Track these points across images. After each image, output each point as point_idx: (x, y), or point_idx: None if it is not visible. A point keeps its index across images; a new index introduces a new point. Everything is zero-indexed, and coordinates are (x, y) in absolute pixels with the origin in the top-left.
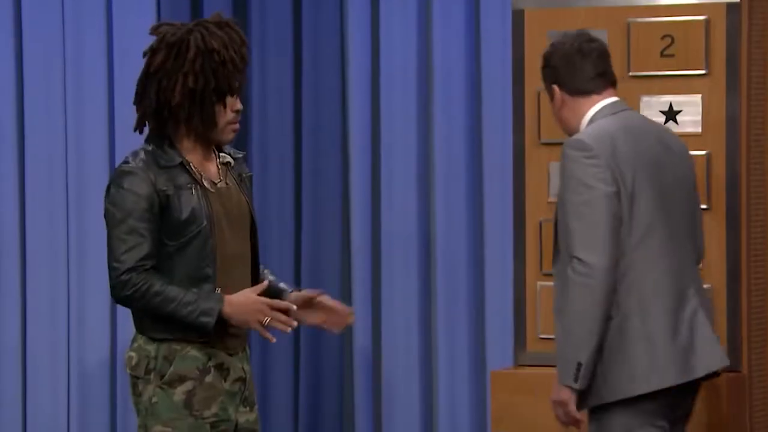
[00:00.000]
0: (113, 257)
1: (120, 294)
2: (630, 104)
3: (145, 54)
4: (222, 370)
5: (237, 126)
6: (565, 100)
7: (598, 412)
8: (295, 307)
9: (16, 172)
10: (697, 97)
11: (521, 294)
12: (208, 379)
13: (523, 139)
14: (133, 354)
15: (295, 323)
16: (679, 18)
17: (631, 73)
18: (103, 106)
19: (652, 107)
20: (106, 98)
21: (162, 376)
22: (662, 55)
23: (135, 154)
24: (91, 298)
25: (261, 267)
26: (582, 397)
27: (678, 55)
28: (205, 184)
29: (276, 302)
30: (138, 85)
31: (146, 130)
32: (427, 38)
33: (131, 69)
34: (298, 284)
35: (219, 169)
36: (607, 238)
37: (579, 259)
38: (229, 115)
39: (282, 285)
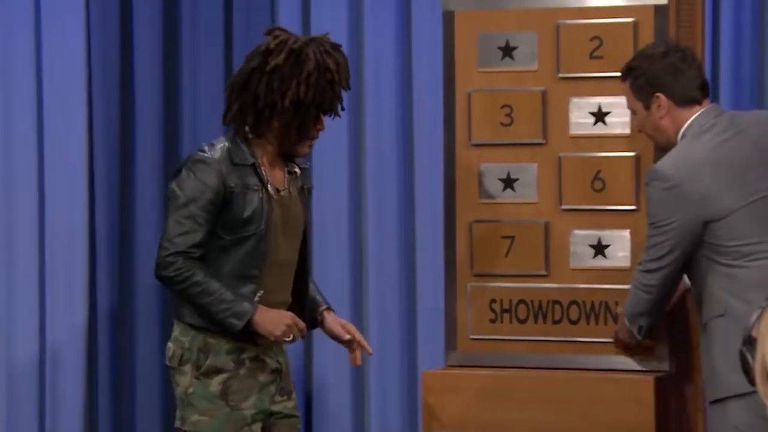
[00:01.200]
0: (166, 237)
1: (162, 273)
2: (559, 106)
3: (258, 51)
4: (257, 362)
5: (313, 143)
6: (670, 109)
7: (719, 403)
8: (305, 335)
9: None
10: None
11: (452, 295)
12: (243, 371)
13: (453, 140)
14: (170, 345)
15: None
16: (608, 20)
17: (560, 75)
18: (32, 105)
19: (582, 108)
20: (35, 97)
21: (198, 368)
22: (591, 56)
23: (212, 145)
24: (19, 298)
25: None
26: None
27: (607, 57)
28: (270, 189)
29: (302, 323)
30: (240, 76)
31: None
32: (358, 40)
33: (60, 68)
34: None
35: (285, 177)
36: (669, 262)
37: (642, 263)
38: (314, 133)
39: (318, 297)
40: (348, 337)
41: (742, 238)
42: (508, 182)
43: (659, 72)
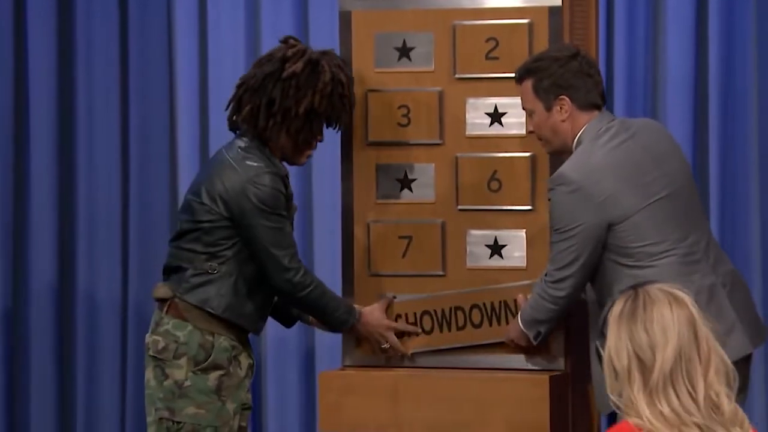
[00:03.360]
0: (278, 246)
1: (295, 279)
2: (455, 106)
3: (273, 56)
4: (238, 359)
5: (312, 153)
6: (572, 113)
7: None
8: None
9: None
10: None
11: (350, 295)
12: (233, 369)
13: (350, 140)
14: (158, 338)
15: (408, 352)
16: (503, 21)
17: (457, 76)
18: None
19: (478, 109)
20: None
21: (198, 363)
22: (487, 57)
23: (254, 156)
24: None
25: None
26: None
27: (502, 58)
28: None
29: (398, 327)
30: (254, 79)
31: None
32: (256, 40)
33: None
34: (125, 288)
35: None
36: (576, 269)
37: (550, 273)
38: (315, 143)
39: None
40: None
41: (644, 239)
42: (406, 182)
43: (567, 75)
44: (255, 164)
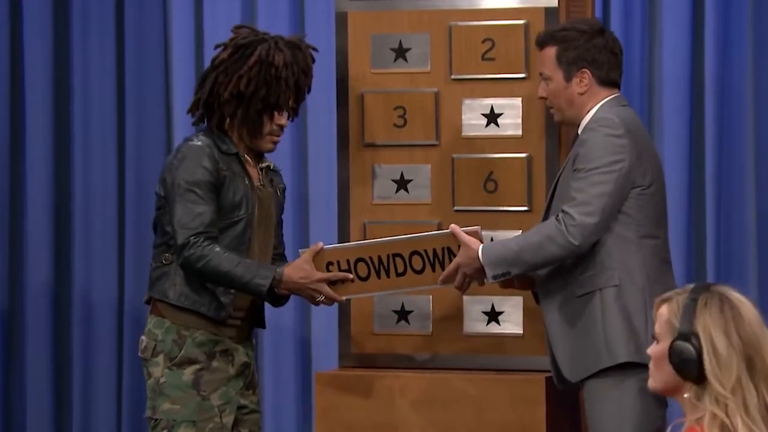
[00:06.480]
0: (180, 224)
1: (184, 253)
2: (452, 107)
3: (216, 47)
4: (227, 355)
5: (278, 139)
6: (592, 87)
7: (615, 371)
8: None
9: None
10: (518, 101)
11: None
12: (215, 363)
13: (346, 141)
14: (143, 338)
15: (342, 299)
16: (499, 22)
17: (453, 76)
18: None
19: (474, 110)
20: None
21: (172, 358)
22: (483, 58)
23: (196, 136)
24: None
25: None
26: (597, 360)
27: (498, 59)
28: (252, 179)
29: (330, 276)
30: (203, 73)
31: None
32: None
33: None
34: (121, 288)
35: (259, 173)
36: (606, 208)
37: (571, 216)
38: (272, 127)
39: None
40: None
41: (648, 214)
42: (402, 183)
43: (593, 49)
44: (190, 142)
